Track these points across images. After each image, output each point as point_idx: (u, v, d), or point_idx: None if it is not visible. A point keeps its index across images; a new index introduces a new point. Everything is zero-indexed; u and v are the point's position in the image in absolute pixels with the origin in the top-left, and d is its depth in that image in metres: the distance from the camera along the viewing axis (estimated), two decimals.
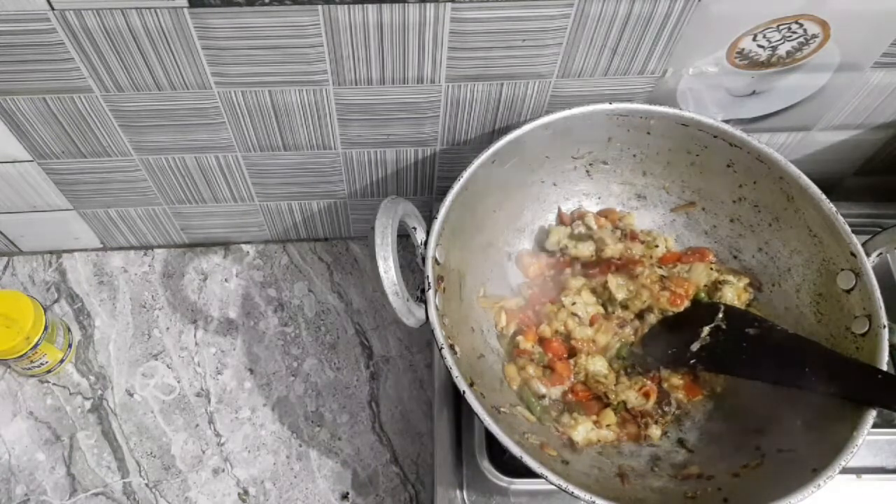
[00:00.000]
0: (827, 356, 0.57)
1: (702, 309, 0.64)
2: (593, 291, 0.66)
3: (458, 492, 0.62)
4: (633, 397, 0.63)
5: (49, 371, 0.75)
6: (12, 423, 0.73)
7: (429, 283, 0.56)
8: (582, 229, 0.69)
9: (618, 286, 0.65)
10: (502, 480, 0.62)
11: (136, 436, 0.73)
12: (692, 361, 0.62)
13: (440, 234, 0.58)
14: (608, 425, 0.62)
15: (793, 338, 0.59)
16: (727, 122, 0.62)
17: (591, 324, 0.65)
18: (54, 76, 0.56)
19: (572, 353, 0.64)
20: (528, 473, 0.51)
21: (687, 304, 0.65)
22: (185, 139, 0.65)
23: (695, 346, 0.62)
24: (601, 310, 0.66)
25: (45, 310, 0.71)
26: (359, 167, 0.71)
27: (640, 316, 0.66)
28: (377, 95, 0.61)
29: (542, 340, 0.65)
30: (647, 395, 0.63)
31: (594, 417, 0.62)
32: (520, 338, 0.65)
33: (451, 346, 0.55)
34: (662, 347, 0.64)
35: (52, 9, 0.50)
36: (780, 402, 0.60)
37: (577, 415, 0.62)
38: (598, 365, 0.63)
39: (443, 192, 0.59)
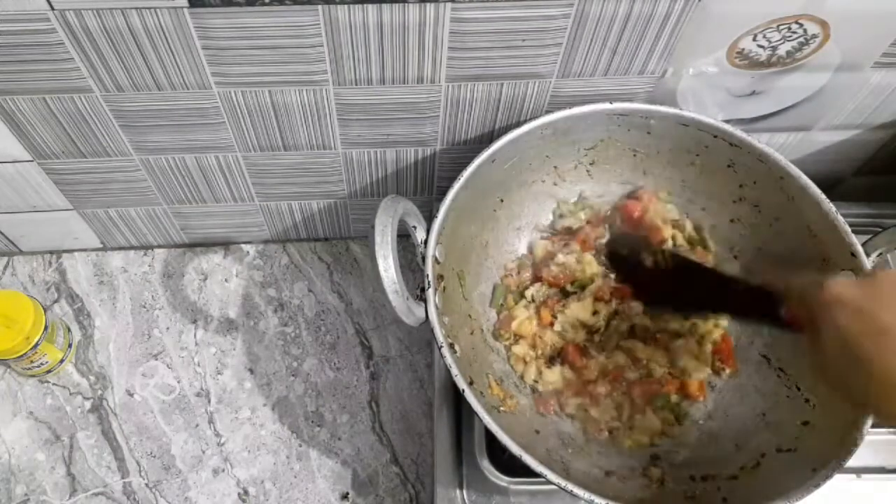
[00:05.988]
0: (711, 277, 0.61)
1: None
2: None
3: (458, 492, 0.62)
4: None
5: (49, 371, 0.75)
6: (12, 423, 0.73)
7: (429, 282, 0.56)
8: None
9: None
10: (502, 480, 0.62)
11: (136, 436, 0.73)
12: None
13: (440, 233, 0.58)
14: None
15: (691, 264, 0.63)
16: (727, 122, 0.62)
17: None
18: (54, 76, 0.56)
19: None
20: (528, 473, 0.51)
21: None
22: (185, 139, 0.65)
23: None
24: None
25: (45, 310, 0.71)
26: (359, 167, 0.71)
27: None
28: (377, 95, 0.61)
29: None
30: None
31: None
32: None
33: (451, 345, 0.55)
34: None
35: (52, 9, 0.50)
36: (780, 402, 0.60)
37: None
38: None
39: (443, 192, 0.59)
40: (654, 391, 0.63)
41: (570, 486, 0.50)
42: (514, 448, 0.51)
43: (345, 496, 0.71)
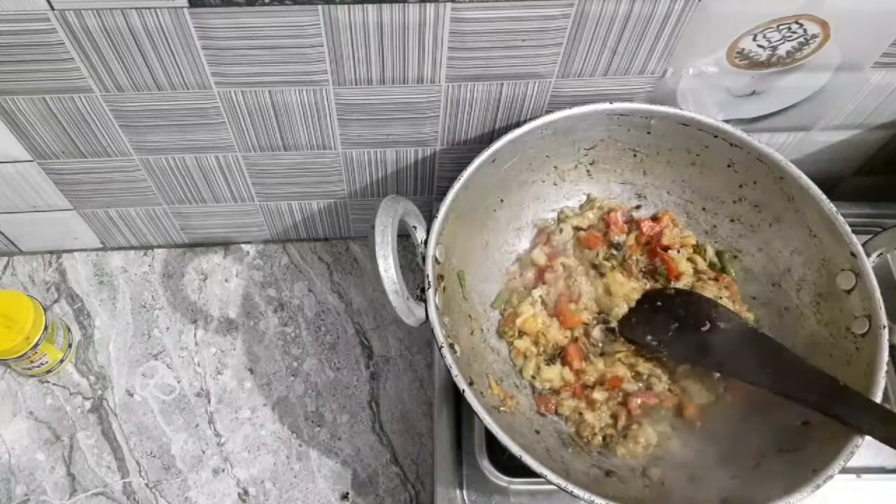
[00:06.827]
0: (775, 354, 0.59)
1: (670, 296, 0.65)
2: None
3: (458, 491, 0.62)
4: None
5: (49, 371, 0.75)
6: (12, 423, 0.73)
7: (429, 282, 0.56)
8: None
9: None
10: (502, 480, 0.62)
11: (136, 436, 0.73)
12: (661, 346, 0.63)
13: (440, 233, 0.58)
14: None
15: (748, 332, 0.60)
16: (727, 122, 0.62)
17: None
18: (54, 76, 0.56)
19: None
20: (528, 473, 0.51)
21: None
22: (185, 139, 0.65)
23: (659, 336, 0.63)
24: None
25: (45, 310, 0.71)
26: (359, 167, 0.71)
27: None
28: (377, 95, 0.61)
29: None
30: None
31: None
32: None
33: (451, 345, 0.55)
34: (640, 330, 0.65)
35: (52, 9, 0.50)
36: (780, 402, 0.60)
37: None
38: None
39: (443, 192, 0.59)
40: (652, 405, 0.63)
41: (570, 487, 0.50)
42: (514, 448, 0.51)
43: (345, 496, 0.71)
